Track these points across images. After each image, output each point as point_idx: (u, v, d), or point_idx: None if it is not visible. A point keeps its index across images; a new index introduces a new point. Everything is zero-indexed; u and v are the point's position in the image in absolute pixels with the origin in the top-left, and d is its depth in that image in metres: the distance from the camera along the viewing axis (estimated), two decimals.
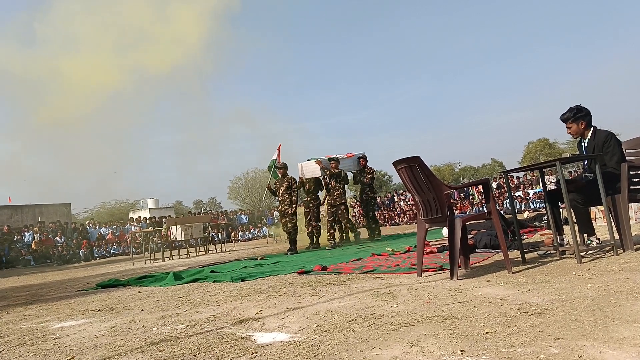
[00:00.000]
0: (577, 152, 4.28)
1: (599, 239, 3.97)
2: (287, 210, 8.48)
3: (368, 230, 9.46)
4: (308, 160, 9.15)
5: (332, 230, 8.64)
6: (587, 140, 4.04)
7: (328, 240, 8.52)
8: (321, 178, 9.07)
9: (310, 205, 9.14)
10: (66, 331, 2.96)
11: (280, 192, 8.59)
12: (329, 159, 8.79)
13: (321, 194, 9.41)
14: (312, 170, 9.03)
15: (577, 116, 4.00)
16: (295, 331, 2.30)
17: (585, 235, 4.01)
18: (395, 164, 3.64)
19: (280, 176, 8.77)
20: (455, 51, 70.53)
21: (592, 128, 4.01)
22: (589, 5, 62.11)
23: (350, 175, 9.66)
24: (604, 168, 3.79)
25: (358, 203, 10.11)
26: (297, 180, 9.17)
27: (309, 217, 9.13)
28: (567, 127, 4.09)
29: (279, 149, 10.00)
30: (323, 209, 9.41)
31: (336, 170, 8.68)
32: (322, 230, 9.27)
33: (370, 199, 9.44)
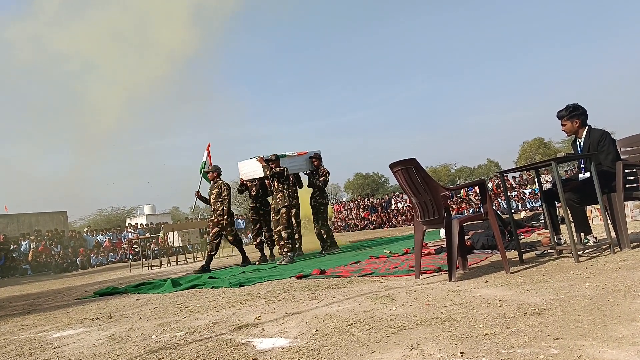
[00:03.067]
0: (572, 152, 4.30)
1: (595, 238, 3.98)
2: (220, 221, 7.29)
3: (320, 242, 7.99)
4: (251, 158, 7.67)
5: (281, 242, 7.14)
6: (582, 139, 4.07)
7: (280, 254, 7.20)
8: (265, 180, 7.81)
9: (261, 212, 8.00)
10: (64, 340, 2.94)
11: (212, 199, 7.43)
12: (268, 159, 7.35)
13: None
14: (252, 169, 7.60)
15: (573, 114, 4.03)
16: (294, 336, 2.30)
17: (582, 234, 4.03)
18: (392, 166, 3.65)
19: (211, 181, 7.59)
20: (449, 52, 70.83)
21: (587, 127, 4.04)
22: (584, 5, 62.55)
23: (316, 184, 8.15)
24: (599, 167, 3.81)
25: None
26: (239, 183, 8.18)
27: (257, 225, 8.03)
28: (562, 125, 4.13)
29: (208, 149, 8.64)
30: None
31: (277, 169, 7.13)
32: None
33: (319, 205, 7.94)
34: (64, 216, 23.56)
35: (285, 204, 7.10)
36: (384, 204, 23.26)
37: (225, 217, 7.26)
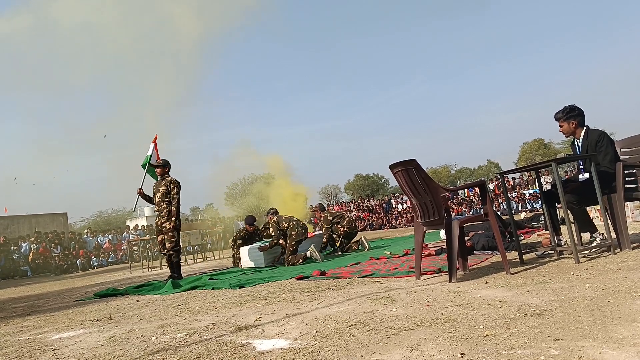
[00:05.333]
0: (572, 152, 4.31)
1: (602, 235, 3.94)
2: (164, 225, 6.45)
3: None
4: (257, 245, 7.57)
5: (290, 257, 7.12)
6: (580, 139, 4.07)
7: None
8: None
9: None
10: (65, 342, 2.94)
11: (157, 199, 6.52)
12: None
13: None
14: (254, 257, 7.57)
15: (569, 115, 4.05)
16: (294, 337, 2.29)
17: (588, 233, 4.00)
18: (392, 167, 3.65)
19: (158, 177, 6.72)
20: (449, 53, 70.93)
21: (585, 128, 4.04)
22: (584, 6, 62.68)
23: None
24: (598, 167, 3.81)
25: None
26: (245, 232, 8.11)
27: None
28: (560, 126, 4.14)
29: (154, 141, 7.94)
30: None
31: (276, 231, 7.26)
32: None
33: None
34: (64, 218, 23.56)
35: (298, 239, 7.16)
36: (384, 205, 23.26)
37: (172, 219, 6.40)
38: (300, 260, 6.86)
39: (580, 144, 4.08)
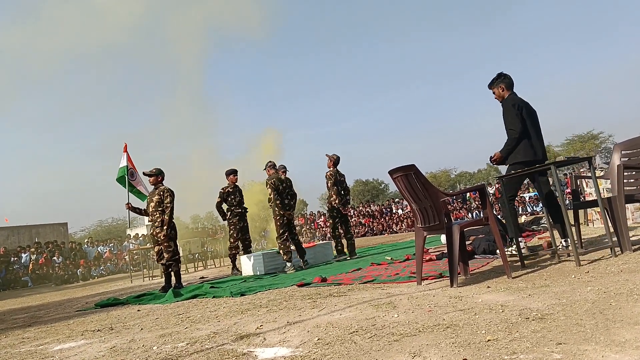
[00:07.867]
0: (572, 155, 4.30)
1: (567, 242, 3.92)
2: (159, 235, 6.26)
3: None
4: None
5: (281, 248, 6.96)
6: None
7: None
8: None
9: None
10: (66, 353, 2.93)
11: (151, 209, 6.36)
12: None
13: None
14: (251, 265, 7.36)
15: (497, 81, 4.21)
16: (296, 345, 2.29)
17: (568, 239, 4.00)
18: (391, 172, 3.65)
19: (152, 187, 6.57)
20: (447, 57, 71.16)
21: (510, 93, 4.13)
22: (584, 7, 62.98)
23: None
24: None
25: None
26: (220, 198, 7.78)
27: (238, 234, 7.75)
28: (493, 93, 4.24)
29: (125, 150, 7.72)
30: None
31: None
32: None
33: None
34: (64, 228, 23.55)
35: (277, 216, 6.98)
36: (384, 210, 23.24)
37: (164, 228, 6.20)
38: (285, 257, 6.83)
39: None
